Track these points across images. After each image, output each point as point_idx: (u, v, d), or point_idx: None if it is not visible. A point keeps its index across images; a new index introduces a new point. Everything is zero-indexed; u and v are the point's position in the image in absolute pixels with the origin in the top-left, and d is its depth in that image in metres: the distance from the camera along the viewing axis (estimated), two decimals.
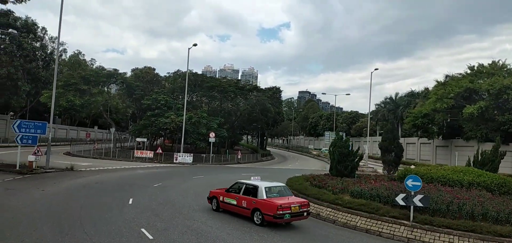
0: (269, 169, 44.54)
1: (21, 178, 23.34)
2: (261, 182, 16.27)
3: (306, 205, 15.24)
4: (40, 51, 60.60)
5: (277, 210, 14.11)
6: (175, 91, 55.22)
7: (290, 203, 14.64)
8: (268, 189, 15.32)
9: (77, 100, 46.04)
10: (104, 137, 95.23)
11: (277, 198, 15.00)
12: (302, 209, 14.88)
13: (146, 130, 48.93)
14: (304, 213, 15.02)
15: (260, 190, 15.12)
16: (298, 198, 16.37)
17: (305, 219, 15.51)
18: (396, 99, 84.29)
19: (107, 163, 38.43)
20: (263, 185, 15.43)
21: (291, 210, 14.43)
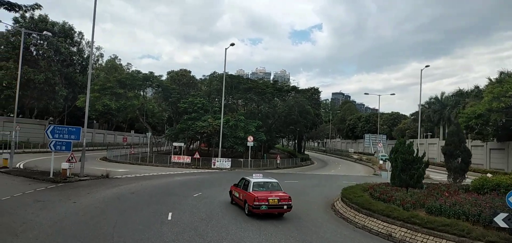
0: (314, 175, 41.76)
1: (53, 187, 21.87)
2: (256, 178, 18.10)
3: (286, 200, 16.44)
4: (77, 55, 60.77)
5: (254, 201, 16.05)
6: (211, 93, 53.52)
7: (268, 196, 16.24)
8: (257, 184, 17.41)
9: (113, 104, 45.24)
10: (140, 141, 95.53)
11: (262, 191, 16.82)
12: (281, 202, 16.29)
13: (182, 134, 47.44)
14: (284, 206, 16.36)
15: (250, 184, 17.35)
16: (281, 193, 17.02)
17: (286, 212, 16.71)
18: (442, 99, 79.01)
19: (144, 169, 36.99)
20: (254, 180, 17.62)
21: (268, 202, 16.04)
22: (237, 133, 46.08)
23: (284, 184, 29.67)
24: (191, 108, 48.08)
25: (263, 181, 17.92)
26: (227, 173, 38.39)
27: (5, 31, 53.36)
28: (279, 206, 16.30)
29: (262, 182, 17.73)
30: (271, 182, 18.05)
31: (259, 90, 51.74)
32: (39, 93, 53.51)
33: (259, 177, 18.32)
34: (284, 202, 16.32)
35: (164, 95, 52.90)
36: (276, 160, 49.82)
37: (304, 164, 59.26)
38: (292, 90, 54.65)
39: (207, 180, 30.44)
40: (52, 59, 56.68)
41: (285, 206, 16.36)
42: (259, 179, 17.94)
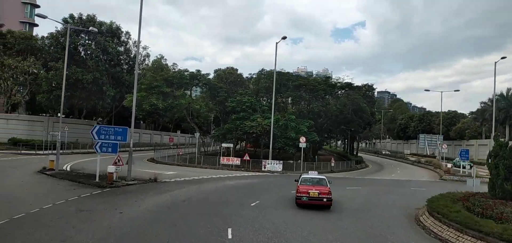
0: (375, 181, 38.16)
1: (99, 193, 20.15)
2: (306, 175, 21.80)
3: (325, 194, 18.25)
4: (124, 55, 60.60)
5: (297, 193, 18.71)
6: (259, 92, 51.06)
7: (309, 189, 18.42)
8: (304, 179, 20.02)
9: (160, 103, 43.97)
10: (186, 141, 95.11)
11: (306, 185, 19.05)
12: (321, 195, 18.16)
13: (230, 134, 45.32)
14: (323, 199, 18.14)
15: (300, 179, 20.12)
16: (322, 187, 18.79)
17: (326, 204, 18.21)
18: (508, 96, 71.74)
19: (192, 172, 35.12)
20: (303, 176, 20.83)
21: (309, 194, 18.19)
22: (288, 133, 43.26)
23: (346, 191, 26.55)
24: (239, 107, 45.86)
25: (310, 177, 20.80)
26: (279, 177, 35.67)
27: (54, 32, 54.01)
28: (319, 199, 18.22)
29: (309, 177, 20.57)
30: (317, 178, 20.46)
31: (311, 87, 48.56)
32: (88, 93, 53.59)
33: (311, 174, 21.94)
34: (323, 195, 18.25)
35: (211, 94, 51.14)
36: (330, 163, 46.43)
37: (359, 167, 55.31)
38: (346, 86, 50.98)
39: (261, 185, 27.88)
40: (99, 59, 56.73)
41: (325, 199, 18.23)
42: (308, 175, 21.46)
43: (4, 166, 29.85)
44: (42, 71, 52.90)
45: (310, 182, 19.54)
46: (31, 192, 19.55)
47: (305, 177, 20.50)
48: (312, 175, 21.42)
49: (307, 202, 18.19)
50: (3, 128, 51.39)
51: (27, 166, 30.53)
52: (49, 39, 55.79)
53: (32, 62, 51.52)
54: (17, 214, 14.09)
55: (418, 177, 46.01)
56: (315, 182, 19.67)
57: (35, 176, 25.50)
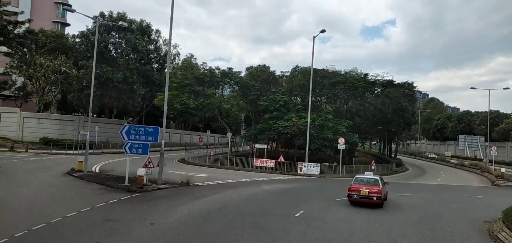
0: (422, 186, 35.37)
1: (128, 198, 18.53)
2: (360, 175, 22.66)
3: (376, 193, 19.23)
4: (154, 53, 59.78)
5: (348, 191, 20.07)
6: (293, 90, 48.73)
7: (360, 188, 19.64)
8: (357, 179, 21.16)
9: (191, 102, 42.51)
10: (216, 141, 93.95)
11: (358, 184, 20.18)
12: (371, 194, 19.21)
13: (263, 134, 43.29)
14: (373, 198, 19.18)
15: (353, 179, 21.56)
16: (372, 187, 19.70)
17: (376, 203, 19.15)
18: None
19: (225, 174, 33.33)
20: (357, 176, 22.15)
21: (359, 192, 19.47)
22: (324, 133, 40.77)
23: (397, 199, 23.91)
24: (272, 106, 43.75)
25: (362, 177, 21.83)
26: (318, 182, 33.32)
27: (85, 30, 53.70)
28: (369, 197, 19.28)
29: (360, 177, 21.59)
30: (373, 178, 21.39)
31: (349, 84, 45.81)
32: (118, 92, 52.99)
33: (367, 174, 23.03)
34: (373, 194, 19.28)
35: (243, 92, 49.28)
36: (371, 166, 43.54)
37: (399, 170, 52.00)
38: (386, 84, 47.84)
39: (300, 191, 25.65)
40: (130, 57, 56.13)
41: (375, 198, 19.24)
42: (361, 176, 22.42)
43: (32, 168, 29.01)
44: (73, 70, 52.67)
45: (362, 182, 20.68)
46: (55, 197, 18.18)
47: (359, 177, 21.72)
48: (367, 176, 22.38)
49: (358, 200, 19.55)
50: (35, 128, 51.51)
51: (55, 167, 29.61)
52: (80, 38, 55.64)
53: (63, 60, 51.32)
54: (37, 224, 12.57)
55: (467, 182, 42.46)
56: (367, 182, 20.72)
57: (62, 178, 24.33)
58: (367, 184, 20.20)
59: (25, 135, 51.42)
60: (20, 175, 24.64)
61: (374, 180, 20.88)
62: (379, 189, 19.63)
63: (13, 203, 16.09)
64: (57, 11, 70.57)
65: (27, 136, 51.12)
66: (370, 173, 23.69)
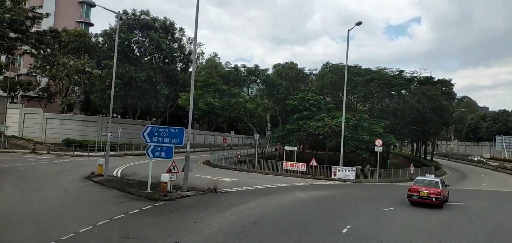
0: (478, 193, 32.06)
1: (150, 208, 16.51)
2: (421, 177, 24.74)
3: (435, 194, 20.29)
4: (178, 52, 58.22)
5: (408, 191, 21.26)
6: (324, 88, 45.98)
7: (419, 189, 20.87)
8: (417, 180, 22.76)
9: (217, 101, 40.45)
10: (240, 142, 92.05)
11: (418, 185, 21.54)
12: (430, 195, 20.30)
13: (292, 135, 40.81)
14: (432, 198, 20.25)
15: (414, 180, 23.25)
16: (432, 188, 20.81)
17: (435, 204, 20.22)
18: None
19: (253, 178, 31.08)
20: (417, 177, 24.30)
21: (419, 193, 20.63)
22: (360, 134, 37.95)
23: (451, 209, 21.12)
24: (302, 105, 41.21)
25: (423, 178, 23.07)
26: (355, 188, 30.63)
27: (108, 29, 52.61)
28: (428, 198, 20.23)
29: (421, 179, 22.83)
30: (430, 180, 22.53)
31: (385, 81, 42.74)
32: (141, 92, 51.62)
33: (427, 177, 24.18)
34: (433, 195, 20.18)
35: (269, 91, 46.87)
36: (409, 170, 40.40)
37: (438, 174, 48.36)
38: (425, 81, 44.42)
39: (340, 200, 23.09)
40: (153, 56, 54.75)
41: (434, 198, 20.14)
42: (422, 177, 23.73)
43: (51, 171, 27.58)
44: (96, 69, 51.65)
45: (422, 183, 21.90)
46: (70, 206, 16.34)
47: (419, 179, 23.10)
48: (428, 178, 23.55)
49: (417, 200, 20.66)
50: (58, 129, 50.77)
51: (75, 171, 28.09)
52: (102, 37, 54.64)
53: (86, 60, 50.33)
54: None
55: None
56: (428, 183, 21.80)
57: (80, 183, 22.64)
58: (427, 185, 21.37)
59: (48, 136, 50.76)
60: (37, 179, 23.13)
61: (435, 182, 21.99)
62: (439, 191, 20.69)
63: (22, 214, 14.30)
64: (81, 11, 70.17)
65: (50, 137, 50.45)
66: (431, 175, 25.62)
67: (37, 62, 53.25)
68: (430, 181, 22.18)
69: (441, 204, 20.64)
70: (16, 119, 53.38)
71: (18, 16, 39.71)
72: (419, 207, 20.38)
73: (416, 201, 20.58)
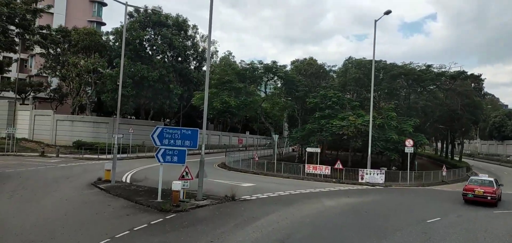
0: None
1: (160, 222, 14.26)
2: (475, 177, 27.30)
3: (490, 193, 21.35)
4: (191, 50, 56.17)
5: (463, 190, 22.65)
6: (347, 84, 43.16)
7: (474, 188, 22.00)
8: (471, 180, 24.16)
9: (232, 100, 38.08)
10: (255, 142, 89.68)
11: (472, 185, 22.72)
12: (485, 194, 21.39)
13: (313, 136, 38.19)
14: (487, 197, 21.31)
15: (468, 180, 24.80)
16: (487, 187, 21.89)
17: (490, 202, 21.27)
18: None
19: (272, 182, 28.70)
20: (471, 177, 26.91)
21: (474, 192, 21.78)
22: (388, 134, 35.15)
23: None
24: (324, 103, 38.56)
25: (477, 178, 24.88)
26: (388, 193, 27.91)
27: (119, 27, 50.83)
28: (483, 197, 21.49)
29: (475, 179, 24.54)
30: (485, 180, 23.54)
31: (414, 77, 39.73)
32: (154, 92, 49.71)
33: (481, 176, 25.60)
34: (488, 194, 21.46)
35: (288, 89, 44.23)
36: (442, 172, 37.38)
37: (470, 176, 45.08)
38: (457, 76, 41.18)
39: (375, 209, 20.44)
40: (166, 55, 52.85)
41: (489, 197, 21.40)
42: (476, 177, 26.14)
43: (56, 176, 25.68)
44: (107, 69, 49.95)
45: (476, 182, 23.13)
46: (68, 221, 14.18)
47: (473, 179, 24.52)
48: (482, 177, 24.61)
49: (472, 199, 21.74)
50: (68, 130, 49.25)
51: (81, 176, 26.15)
52: (113, 35, 52.95)
53: (96, 59, 48.65)
54: None
55: None
56: (482, 183, 22.91)
57: (85, 191, 20.57)
58: (481, 184, 22.54)
59: (58, 139, 49.29)
60: (38, 187, 21.17)
61: (489, 182, 23.02)
62: (493, 190, 21.79)
63: (10, 232, 12.22)
64: (92, 10, 68.87)
65: (61, 139, 48.96)
66: (484, 175, 26.71)
67: (47, 62, 51.88)
68: (484, 180, 23.27)
69: (496, 202, 21.72)
70: (26, 121, 52.12)
71: (19, 10, 38.13)
72: (469, 212, 19.34)
73: (471, 199, 21.74)
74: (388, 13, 30.21)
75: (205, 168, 19.53)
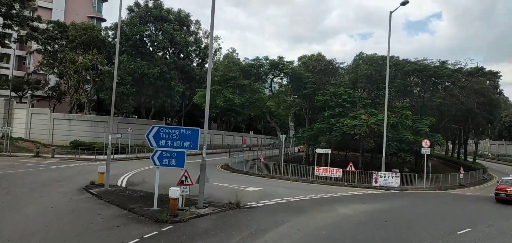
0: None
1: (154, 235, 12.42)
2: (506, 177, 26.70)
3: None
4: (194, 46, 54.32)
5: (495, 190, 24.16)
6: (358, 81, 41.12)
7: (507, 188, 23.18)
8: (503, 181, 24.87)
9: (236, 98, 36.16)
10: (259, 142, 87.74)
11: (506, 185, 23.65)
12: None
13: (323, 136, 36.24)
14: None
15: (500, 180, 25.55)
16: None
17: None
18: None
19: (279, 186, 26.84)
20: (503, 178, 26.24)
21: (506, 191, 23.01)
22: (402, 134, 33.15)
23: None
24: (334, 101, 36.59)
25: (507, 178, 25.32)
26: (406, 198, 25.94)
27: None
28: None
29: (506, 179, 25.21)
30: None
31: (429, 73, 37.65)
32: (155, 89, 47.92)
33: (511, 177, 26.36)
34: None
35: (295, 86, 42.26)
36: (459, 174, 35.32)
37: (487, 178, 43.02)
38: (475, 72, 39.04)
39: (396, 217, 18.48)
40: (167, 51, 51.04)
41: None
42: (506, 177, 26.20)
43: (47, 179, 23.91)
44: (105, 66, 48.21)
45: (507, 183, 24.01)
46: (49, 235, 12.35)
47: (505, 179, 25.26)
48: (509, 178, 25.57)
49: (505, 198, 22.91)
50: (66, 130, 47.60)
51: (74, 179, 24.35)
52: (113, 30, 51.17)
53: (94, 55, 46.88)
54: None
55: None
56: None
57: (74, 196, 18.74)
58: None
59: (56, 138, 47.68)
60: (24, 191, 19.41)
61: None
62: None
63: None
64: (92, 5, 67.18)
65: (58, 139, 47.35)
66: None
67: (45, 58, 50.23)
68: (510, 180, 24.56)
69: None
70: (23, 120, 50.53)
71: None
72: (501, 222, 17.83)
73: (504, 199, 22.94)
74: (405, 3, 28.19)
75: (207, 170, 17.68)
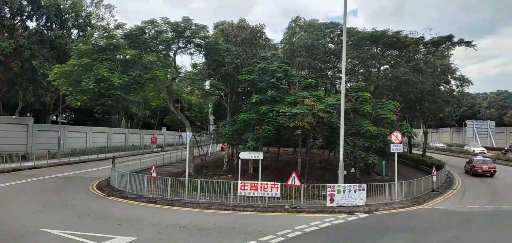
0: None
1: None
2: (477, 157, 39.94)
3: (493, 167, 34.88)
4: (71, 13, 40.39)
5: (474, 168, 34.83)
6: (296, 55, 30.70)
7: (482, 166, 34.47)
8: (476, 160, 36.35)
9: (116, 77, 23.50)
10: (176, 140, 75.19)
11: (479, 163, 35.24)
12: (489, 168, 34.47)
13: (250, 132, 25.40)
14: (491, 170, 34.20)
15: (473, 161, 36.52)
16: (489, 165, 35.00)
17: (492, 175, 34.08)
18: None
19: (178, 221, 15.20)
20: (475, 158, 37.55)
21: (482, 168, 34.26)
22: (360, 125, 23.58)
23: None
24: (264, 81, 25.94)
25: (480, 158, 37.39)
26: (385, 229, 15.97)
27: None
28: (488, 171, 33.97)
29: (477, 159, 36.72)
30: (485, 160, 36.97)
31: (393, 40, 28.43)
32: (8, 72, 33.54)
33: (479, 157, 38.95)
34: (491, 168, 34.43)
35: (212, 62, 30.37)
36: (432, 177, 26.49)
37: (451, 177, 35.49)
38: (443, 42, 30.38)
39: None
40: (28, 17, 36.74)
41: (492, 170, 34.22)
42: (479, 158, 37.87)
43: None
44: None
45: (481, 162, 35.70)
46: None
47: (477, 159, 37.20)
48: (480, 158, 38.66)
49: (480, 173, 33.99)
50: None
51: None
52: None
53: None
54: None
55: None
56: (482, 162, 35.65)
57: None
58: (483, 163, 35.39)
59: None
60: None
61: (485, 161, 36.58)
62: (494, 166, 35.75)
63: None
64: None
65: None
66: (479, 157, 41.38)
67: None
68: (485, 159, 36.89)
69: (494, 174, 34.30)
70: None
71: None
72: None
73: (480, 173, 34.15)
74: None
75: (70, 191, 8.60)
